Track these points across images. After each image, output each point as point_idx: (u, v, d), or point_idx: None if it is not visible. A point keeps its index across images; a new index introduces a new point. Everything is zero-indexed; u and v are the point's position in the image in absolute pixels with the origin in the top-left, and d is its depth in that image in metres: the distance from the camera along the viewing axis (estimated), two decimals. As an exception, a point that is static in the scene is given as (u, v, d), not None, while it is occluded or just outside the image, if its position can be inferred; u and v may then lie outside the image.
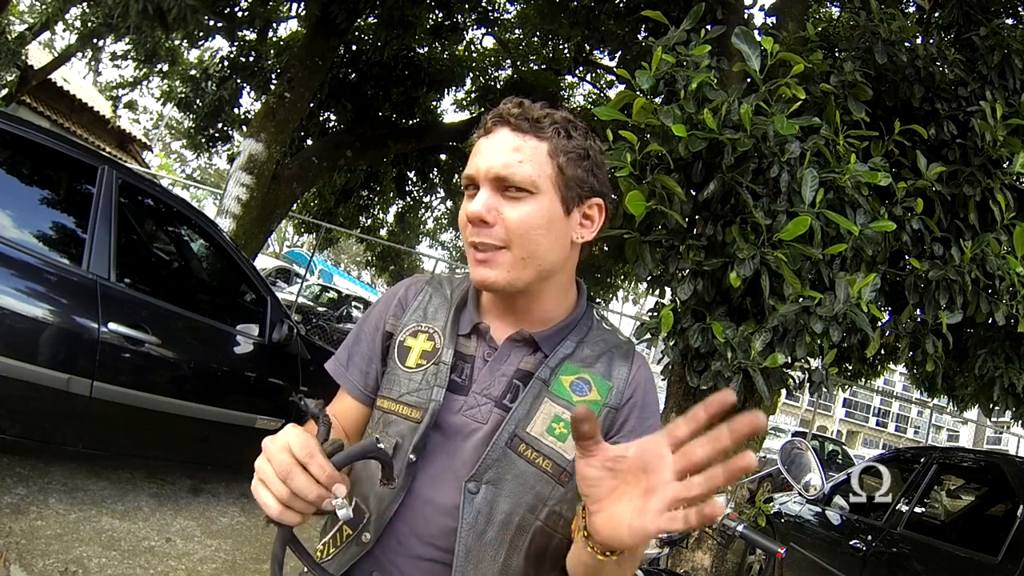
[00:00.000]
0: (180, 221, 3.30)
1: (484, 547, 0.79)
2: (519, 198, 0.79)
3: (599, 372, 0.86)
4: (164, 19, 4.64)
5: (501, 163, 0.78)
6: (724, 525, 1.62)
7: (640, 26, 5.00)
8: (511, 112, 0.81)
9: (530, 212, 0.79)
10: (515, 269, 0.80)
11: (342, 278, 22.55)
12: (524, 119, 0.80)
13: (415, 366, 0.86)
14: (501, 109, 0.82)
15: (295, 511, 0.62)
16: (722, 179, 2.43)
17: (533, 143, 0.80)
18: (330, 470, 0.62)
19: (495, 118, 0.82)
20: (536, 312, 0.87)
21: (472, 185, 0.82)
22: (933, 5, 3.77)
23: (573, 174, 0.82)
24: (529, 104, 0.82)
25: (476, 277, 0.81)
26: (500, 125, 0.81)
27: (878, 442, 34.71)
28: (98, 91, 13.86)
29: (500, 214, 0.79)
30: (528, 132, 0.80)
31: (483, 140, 0.82)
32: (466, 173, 0.83)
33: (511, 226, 0.78)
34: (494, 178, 0.79)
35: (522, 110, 0.81)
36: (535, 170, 0.79)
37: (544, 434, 0.81)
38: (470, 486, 0.79)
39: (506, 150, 0.79)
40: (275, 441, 0.64)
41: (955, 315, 2.70)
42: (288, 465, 0.61)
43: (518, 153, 0.79)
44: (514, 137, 0.80)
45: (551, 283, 0.86)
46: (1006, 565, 2.45)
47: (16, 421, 2.30)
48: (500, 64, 9.37)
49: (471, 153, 0.84)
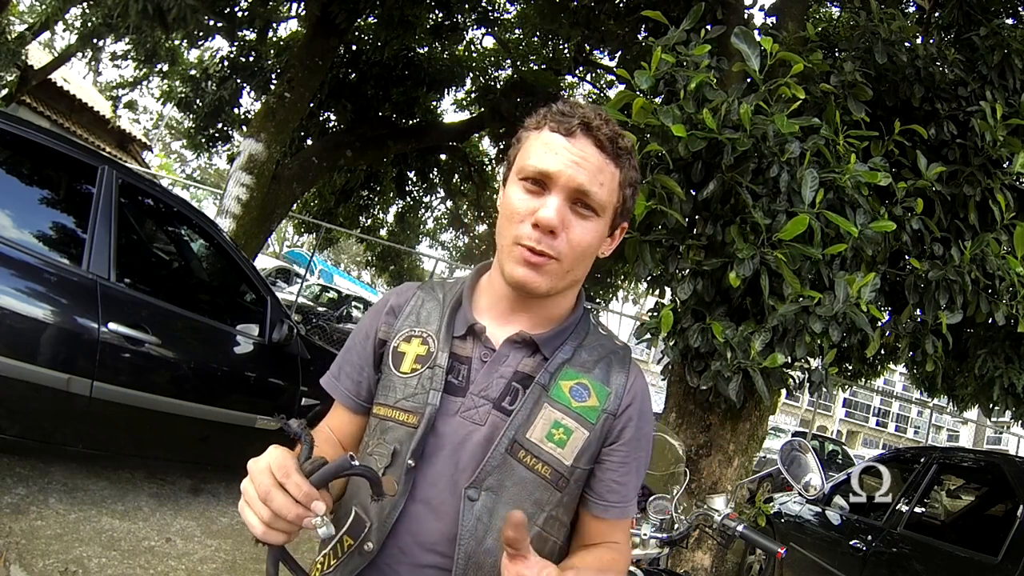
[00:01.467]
0: (180, 221, 3.30)
1: (484, 554, 0.79)
2: (587, 217, 0.80)
3: (597, 378, 0.86)
4: (164, 19, 4.64)
5: (587, 179, 0.78)
6: (724, 525, 1.62)
7: (640, 26, 5.00)
8: (600, 128, 0.79)
9: (593, 234, 0.81)
10: (557, 279, 0.81)
11: (342, 278, 22.55)
12: (611, 141, 0.80)
13: (410, 371, 0.85)
14: (588, 116, 0.80)
15: (279, 531, 0.63)
16: (722, 179, 2.43)
17: (612, 168, 0.81)
18: (307, 488, 0.63)
19: (581, 124, 0.79)
20: (540, 313, 0.87)
21: (536, 181, 0.79)
22: (933, 5, 3.77)
23: (629, 206, 0.86)
24: (612, 122, 0.81)
25: (518, 276, 0.80)
26: (585, 134, 0.79)
27: (878, 442, 34.70)
28: (98, 91, 13.86)
29: (567, 227, 0.78)
30: (610, 155, 0.80)
31: (562, 139, 0.79)
32: (537, 166, 0.79)
33: (574, 243, 0.79)
34: (575, 189, 0.78)
35: (610, 129, 0.80)
36: (608, 197, 0.81)
37: (544, 440, 0.81)
38: (470, 493, 0.79)
39: (592, 168, 0.78)
40: (257, 462, 0.65)
41: (955, 315, 2.70)
42: (267, 486, 0.62)
43: (601, 175, 0.79)
44: (599, 156, 0.79)
45: (571, 290, 0.88)
46: (1006, 565, 2.45)
47: (16, 421, 2.30)
48: (500, 64, 9.37)
49: (533, 142, 0.81)
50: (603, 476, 0.86)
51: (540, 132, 0.81)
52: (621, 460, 0.86)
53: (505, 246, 0.81)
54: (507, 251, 0.81)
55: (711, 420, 2.93)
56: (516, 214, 0.79)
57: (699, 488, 2.88)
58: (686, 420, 2.98)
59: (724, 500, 1.71)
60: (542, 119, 0.82)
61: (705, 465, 2.91)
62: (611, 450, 0.85)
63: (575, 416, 0.82)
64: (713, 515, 1.65)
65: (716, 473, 2.92)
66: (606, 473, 0.86)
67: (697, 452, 2.91)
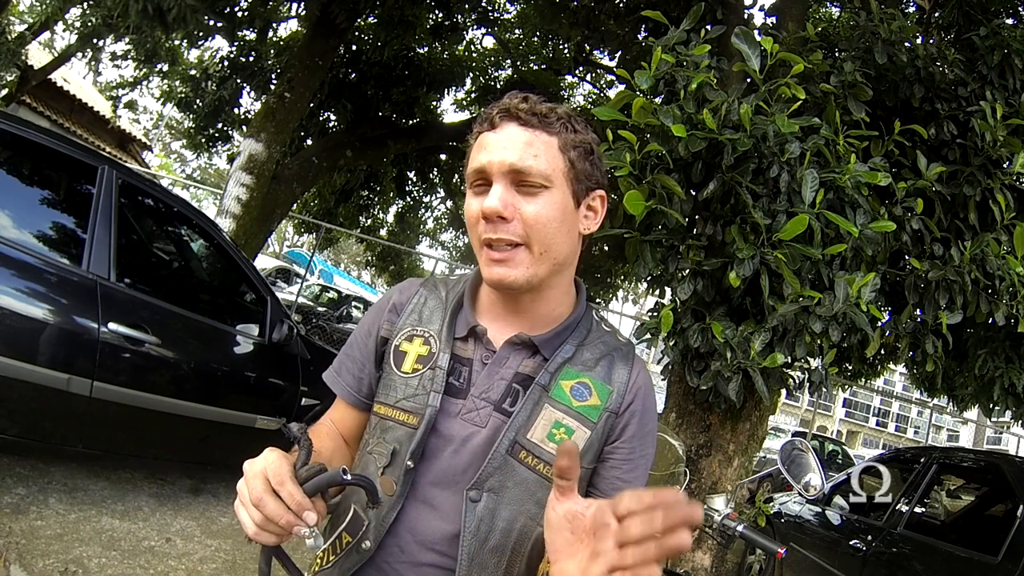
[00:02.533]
0: (180, 221, 3.30)
1: (487, 555, 0.79)
2: (535, 192, 0.78)
3: (599, 376, 0.85)
4: (164, 19, 4.64)
5: (516, 156, 0.77)
6: (724, 525, 1.62)
7: (640, 26, 4.99)
8: (518, 107, 0.80)
9: (547, 205, 0.79)
10: (533, 266, 0.80)
11: (342, 278, 22.55)
12: (532, 114, 0.80)
13: (411, 371, 0.85)
14: (507, 103, 0.80)
15: (270, 533, 0.63)
16: (722, 179, 2.43)
17: (544, 137, 0.80)
18: (299, 497, 0.63)
19: (501, 112, 0.80)
20: (538, 312, 0.86)
21: (480, 181, 0.80)
22: (933, 5, 3.77)
23: (582, 167, 0.83)
24: (534, 98, 0.81)
25: (492, 277, 0.80)
26: (507, 120, 0.80)
27: (878, 442, 34.70)
28: (98, 91, 13.86)
29: (517, 209, 0.78)
30: (537, 127, 0.79)
31: (490, 135, 0.80)
32: (474, 167, 0.81)
33: (529, 220, 0.78)
34: (509, 171, 0.77)
35: (529, 105, 0.80)
36: (549, 164, 0.79)
37: (545, 440, 0.81)
38: (472, 494, 0.79)
39: (519, 144, 0.78)
40: (253, 465, 0.65)
41: (955, 315, 2.70)
42: (260, 491, 0.62)
43: (531, 147, 0.78)
44: (524, 132, 0.79)
45: (560, 278, 0.86)
46: (1006, 565, 2.45)
47: (16, 421, 2.30)
48: (500, 64, 9.37)
49: (473, 149, 0.83)
50: (608, 474, 0.85)
51: (476, 139, 0.83)
52: (625, 457, 0.85)
53: (477, 253, 0.82)
54: (479, 257, 0.81)
55: (711, 420, 2.93)
56: (471, 217, 0.81)
57: (699, 488, 2.88)
58: (686, 420, 2.98)
59: (724, 500, 1.71)
60: (476, 126, 0.84)
61: (705, 465, 2.91)
62: (614, 448, 0.85)
63: (576, 416, 0.82)
64: (713, 515, 1.65)
65: (716, 473, 2.92)
66: (611, 471, 0.85)
67: (697, 452, 2.91)
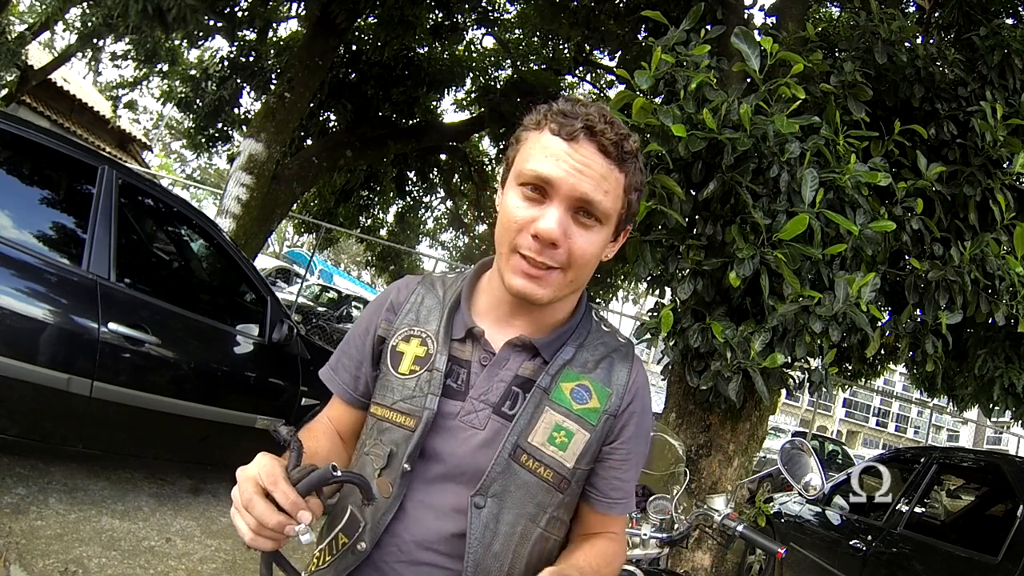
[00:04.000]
0: (180, 221, 3.30)
1: (491, 560, 0.79)
2: (589, 226, 0.77)
3: (599, 379, 0.85)
4: (164, 19, 4.64)
5: (591, 188, 0.74)
6: (724, 525, 1.62)
7: (640, 26, 4.99)
8: (604, 131, 0.75)
9: (596, 242, 0.78)
10: (560, 289, 0.79)
11: (342, 278, 22.54)
12: (616, 145, 0.76)
13: (408, 372, 0.85)
14: (592, 119, 0.75)
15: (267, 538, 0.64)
16: (722, 179, 2.43)
17: (617, 175, 0.77)
18: (293, 497, 0.63)
19: (585, 128, 0.74)
20: (542, 318, 0.86)
21: (536, 187, 0.75)
22: (933, 5, 3.76)
23: (634, 210, 0.82)
24: (618, 123, 0.77)
25: (517, 286, 0.77)
26: (589, 139, 0.75)
27: (878, 442, 34.69)
28: (98, 91, 13.86)
29: (568, 238, 0.75)
30: (614, 160, 0.76)
31: (565, 146, 0.74)
32: (538, 172, 0.74)
33: (575, 252, 0.76)
34: (578, 198, 0.74)
35: (614, 132, 0.76)
36: (613, 204, 0.78)
37: (545, 443, 0.81)
38: (476, 500, 0.79)
39: (596, 176, 0.75)
40: (245, 470, 0.66)
41: (955, 315, 2.70)
42: (249, 494, 0.63)
43: (606, 183, 0.76)
44: (603, 162, 0.75)
45: (574, 296, 0.86)
46: (1006, 565, 2.45)
47: (16, 421, 2.30)
48: (500, 64, 9.38)
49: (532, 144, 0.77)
50: (606, 474, 0.86)
51: (540, 133, 0.77)
52: (623, 458, 0.86)
53: (504, 253, 0.78)
54: (506, 259, 0.78)
55: (711, 420, 2.93)
56: (515, 222, 0.76)
57: (699, 488, 2.88)
58: (686, 420, 2.98)
59: (724, 500, 1.71)
60: (543, 119, 0.78)
61: (705, 465, 2.91)
62: (613, 448, 0.86)
63: (576, 418, 0.82)
64: (713, 515, 1.65)
65: (716, 473, 2.92)
66: (609, 471, 0.86)
67: (697, 452, 2.91)
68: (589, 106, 0.77)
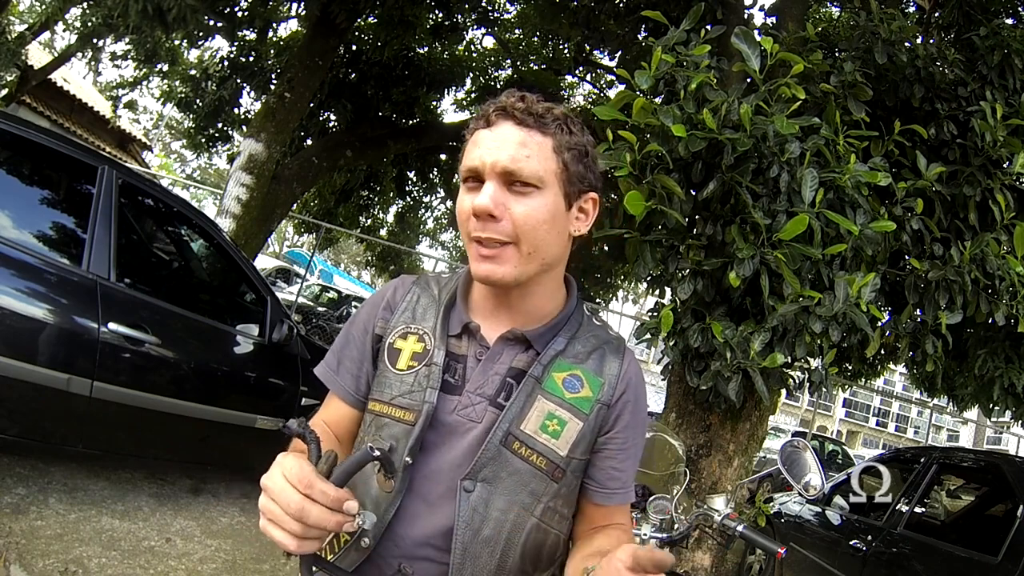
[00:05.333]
0: (180, 221, 3.30)
1: (480, 545, 0.79)
2: (526, 193, 0.79)
3: (591, 368, 0.87)
4: (164, 19, 4.64)
5: (509, 157, 0.77)
6: (724, 525, 1.62)
7: (640, 26, 4.99)
8: (515, 106, 0.80)
9: (537, 207, 0.79)
10: (521, 264, 0.80)
11: (342, 278, 22.55)
12: (529, 114, 0.79)
13: (406, 368, 0.86)
14: (504, 102, 0.80)
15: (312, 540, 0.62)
16: (722, 179, 2.43)
17: (538, 138, 0.79)
18: (334, 493, 0.62)
19: (498, 111, 0.80)
20: (529, 308, 0.87)
21: (473, 178, 0.81)
22: (933, 5, 3.76)
23: (575, 170, 0.82)
24: (531, 97, 0.81)
25: (481, 272, 0.80)
26: (503, 118, 0.80)
27: (878, 442, 34.68)
28: (98, 91, 13.85)
29: (507, 208, 0.78)
30: (533, 127, 0.79)
31: (485, 132, 0.80)
32: (467, 165, 0.80)
33: (518, 220, 0.78)
34: (501, 171, 0.77)
35: (526, 104, 0.80)
36: (542, 165, 0.79)
37: (538, 431, 0.82)
38: (465, 484, 0.80)
39: (513, 144, 0.78)
40: (272, 479, 0.63)
41: (955, 315, 2.70)
42: (299, 502, 0.60)
43: (525, 148, 0.78)
44: (519, 131, 0.79)
45: (548, 276, 0.86)
46: (1006, 565, 2.45)
47: (16, 421, 2.30)
48: (500, 64, 9.37)
49: (468, 145, 0.83)
50: (602, 464, 0.87)
51: (472, 135, 0.83)
52: (619, 447, 0.87)
53: (466, 248, 0.83)
54: (469, 252, 0.82)
55: (711, 420, 2.93)
56: (462, 213, 0.81)
57: (699, 488, 2.88)
58: (686, 420, 2.97)
59: (724, 500, 1.71)
60: (473, 123, 0.83)
61: (705, 465, 2.91)
62: (608, 438, 0.87)
63: (568, 407, 0.84)
64: (713, 515, 1.65)
65: (716, 473, 2.92)
66: (605, 461, 0.87)
67: (697, 452, 2.91)
68: (510, 93, 0.82)
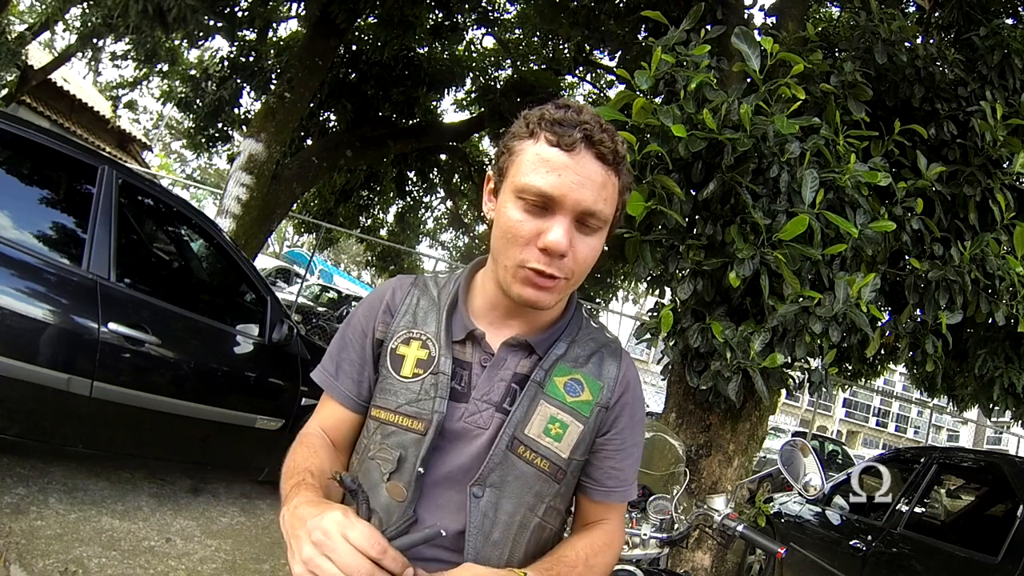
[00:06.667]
0: (180, 221, 3.30)
1: (491, 548, 0.81)
2: (592, 233, 0.78)
3: (590, 372, 0.88)
4: (164, 19, 4.64)
5: (592, 199, 0.75)
6: (724, 525, 1.62)
7: (640, 26, 4.99)
8: (602, 140, 0.75)
9: (596, 247, 0.80)
10: (562, 293, 0.82)
11: (342, 278, 22.54)
12: (612, 151, 0.76)
13: (411, 375, 0.85)
14: (589, 127, 0.75)
15: None
16: (722, 179, 2.43)
17: (614, 180, 0.78)
18: (402, 560, 0.64)
19: (583, 136, 0.74)
20: (537, 318, 0.88)
21: (540, 204, 0.75)
22: (933, 5, 3.77)
23: (624, 211, 0.85)
24: (611, 129, 0.77)
25: (527, 298, 0.78)
26: (587, 147, 0.75)
27: (878, 442, 34.68)
28: (98, 91, 13.85)
29: (573, 247, 0.77)
30: (611, 166, 0.77)
31: (562, 156, 0.74)
32: (537, 186, 0.74)
33: (580, 260, 0.78)
34: (582, 212, 0.75)
35: (609, 138, 0.76)
36: (610, 209, 0.79)
37: (541, 435, 0.83)
38: (475, 490, 0.81)
39: (596, 185, 0.75)
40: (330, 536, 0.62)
41: (955, 315, 2.70)
42: (369, 569, 0.61)
43: (604, 191, 0.77)
44: (601, 169, 0.76)
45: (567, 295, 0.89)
46: (1006, 565, 2.45)
47: (16, 421, 2.30)
48: (500, 64, 9.37)
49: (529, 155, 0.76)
50: (601, 464, 0.89)
51: (536, 143, 0.76)
52: (618, 447, 0.89)
53: (509, 267, 0.78)
54: (511, 271, 0.78)
55: (711, 420, 2.93)
56: (520, 237, 0.76)
57: (699, 488, 2.88)
58: (686, 420, 2.97)
59: (724, 500, 1.71)
60: (536, 127, 0.76)
61: (705, 465, 2.91)
62: (607, 439, 0.88)
63: (570, 411, 0.85)
64: (713, 515, 1.65)
65: (716, 473, 2.92)
66: (604, 461, 0.89)
67: (697, 452, 2.91)
68: (582, 112, 0.77)
